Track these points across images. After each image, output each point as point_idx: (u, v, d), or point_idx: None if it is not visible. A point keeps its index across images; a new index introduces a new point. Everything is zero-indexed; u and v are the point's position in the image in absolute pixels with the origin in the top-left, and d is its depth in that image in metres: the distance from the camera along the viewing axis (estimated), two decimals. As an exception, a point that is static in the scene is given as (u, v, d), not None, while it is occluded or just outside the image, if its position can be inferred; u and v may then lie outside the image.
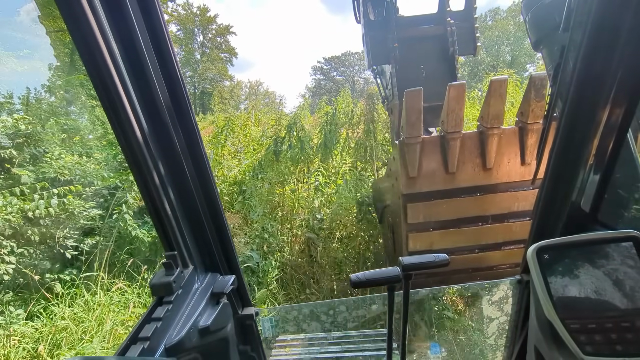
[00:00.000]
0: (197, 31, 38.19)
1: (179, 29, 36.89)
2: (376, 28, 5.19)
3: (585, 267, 1.13)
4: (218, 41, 39.04)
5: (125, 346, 0.87)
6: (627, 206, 1.39)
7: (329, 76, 47.08)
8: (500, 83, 3.36)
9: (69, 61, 8.93)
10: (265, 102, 46.59)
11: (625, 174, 1.35)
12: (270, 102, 46.96)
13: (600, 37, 1.04)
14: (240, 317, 1.42)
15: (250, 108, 18.41)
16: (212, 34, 38.62)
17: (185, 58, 37.55)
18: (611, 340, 1.01)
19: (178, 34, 36.88)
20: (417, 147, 3.56)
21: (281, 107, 44.74)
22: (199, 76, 37.10)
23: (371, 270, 1.28)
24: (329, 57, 46.46)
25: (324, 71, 47.00)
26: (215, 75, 38.17)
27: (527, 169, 3.65)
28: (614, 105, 1.10)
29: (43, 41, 8.81)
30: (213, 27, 38.42)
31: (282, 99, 49.33)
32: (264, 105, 45.78)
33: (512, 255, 3.79)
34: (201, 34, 38.38)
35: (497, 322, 2.26)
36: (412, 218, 3.74)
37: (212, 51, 38.37)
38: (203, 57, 38.00)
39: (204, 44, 38.66)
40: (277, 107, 45.15)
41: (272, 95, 47.64)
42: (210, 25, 38.13)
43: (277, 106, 45.72)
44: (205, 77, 37.37)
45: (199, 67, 37.30)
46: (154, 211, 1.03)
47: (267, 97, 47.14)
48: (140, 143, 0.93)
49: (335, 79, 46.49)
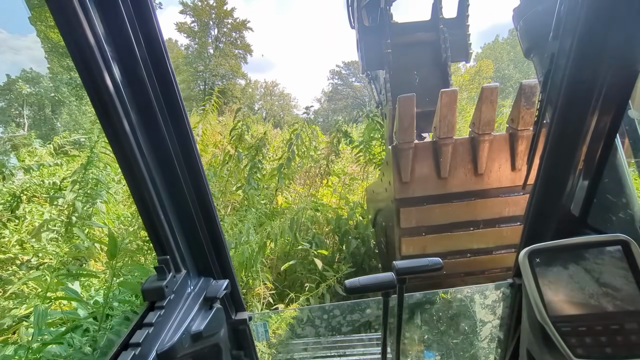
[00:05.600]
0: (212, 24, 36.88)
1: (194, 21, 35.89)
2: (370, 34, 5.24)
3: (576, 270, 1.15)
4: (233, 36, 37.69)
5: (116, 352, 0.85)
6: (616, 210, 1.42)
7: (347, 81, 45.72)
8: (492, 90, 3.41)
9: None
10: (280, 104, 46.26)
11: (614, 178, 1.38)
12: (285, 104, 46.73)
13: (588, 44, 1.07)
14: (233, 322, 1.41)
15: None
16: (228, 28, 37.24)
17: (197, 51, 36.53)
18: (601, 343, 1.03)
19: (192, 26, 35.97)
20: (410, 153, 3.59)
21: (295, 110, 44.69)
22: (209, 72, 35.92)
23: (366, 275, 1.28)
24: (349, 61, 44.84)
25: (342, 76, 45.73)
26: (227, 71, 37.03)
27: (518, 174, 3.70)
28: (602, 111, 1.13)
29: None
30: (229, 21, 36.92)
31: (296, 102, 48.84)
32: (278, 107, 45.54)
33: (503, 260, 3.83)
34: (216, 27, 37.00)
35: (489, 325, 2.28)
36: (405, 222, 3.75)
37: (226, 46, 37.14)
38: (215, 52, 36.72)
39: (218, 39, 37.29)
40: (290, 109, 45.12)
41: (287, 97, 47.38)
42: (226, 19, 36.71)
43: (291, 109, 45.65)
44: (217, 73, 36.17)
45: (210, 62, 36.08)
46: (147, 215, 1.02)
47: (281, 98, 46.89)
48: (132, 146, 0.92)
49: (353, 85, 45.08)
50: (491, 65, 33.59)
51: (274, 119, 41.23)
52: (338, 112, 43.04)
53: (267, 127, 16.45)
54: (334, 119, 42.18)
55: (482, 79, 30.92)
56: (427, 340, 2.64)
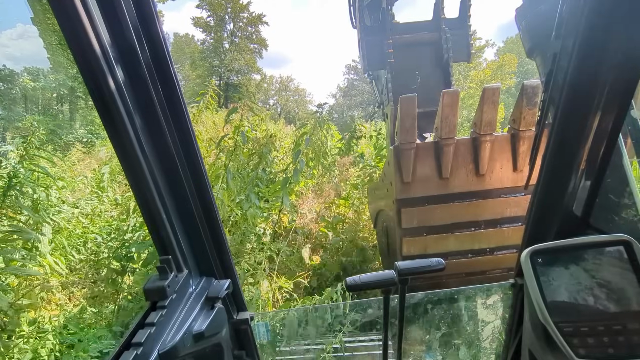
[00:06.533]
0: (228, 18, 36.45)
1: (210, 15, 35.61)
2: (372, 33, 5.24)
3: (578, 270, 1.15)
4: (249, 31, 37.23)
5: (118, 352, 0.86)
6: (618, 211, 1.41)
7: (363, 77, 43.80)
8: (494, 91, 3.41)
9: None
10: (295, 99, 46.29)
11: (617, 178, 1.38)
12: (300, 99, 46.75)
13: (591, 44, 1.06)
14: (235, 322, 1.41)
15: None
16: (243, 22, 36.76)
17: (213, 46, 36.27)
18: (603, 343, 1.03)
19: (208, 20, 35.74)
20: (411, 153, 3.59)
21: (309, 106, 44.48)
22: (225, 66, 35.60)
23: (367, 273, 1.28)
24: (366, 56, 44.81)
25: (358, 71, 44.38)
26: (242, 66, 36.66)
27: (519, 175, 3.70)
28: (605, 110, 1.12)
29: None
30: (244, 15, 36.30)
31: (311, 97, 48.75)
32: (293, 102, 45.44)
33: (504, 260, 3.83)
34: (232, 21, 36.57)
35: (491, 325, 2.28)
36: (407, 223, 3.75)
37: (241, 41, 36.75)
38: (231, 47, 36.37)
39: (234, 33, 36.86)
40: (305, 105, 44.96)
41: (302, 92, 47.33)
42: (241, 13, 36.22)
43: (306, 104, 45.48)
44: (232, 68, 35.82)
45: (225, 57, 35.79)
46: (149, 215, 1.02)
47: (296, 94, 46.87)
48: (134, 146, 0.92)
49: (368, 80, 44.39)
50: (515, 59, 32.42)
51: (289, 114, 40.95)
52: (354, 107, 42.99)
53: (279, 125, 15.76)
54: (349, 114, 40.86)
55: (505, 74, 29.95)
56: (428, 341, 2.64)
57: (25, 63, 20.65)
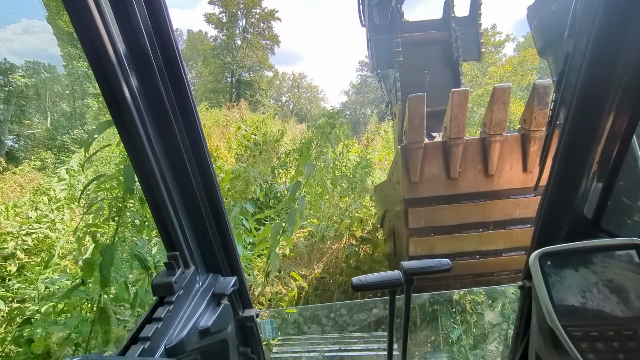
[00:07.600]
0: (240, 14, 36.14)
1: (222, 12, 35.50)
2: (381, 32, 5.21)
3: (588, 274, 1.13)
4: (261, 27, 36.72)
5: (126, 346, 0.87)
6: (631, 214, 1.38)
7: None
8: (504, 91, 3.36)
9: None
10: (307, 97, 46.37)
11: (629, 181, 1.35)
12: (312, 96, 46.83)
13: (605, 43, 1.04)
14: (240, 319, 1.42)
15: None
16: (256, 18, 36.20)
17: (225, 43, 36.18)
18: (613, 349, 1.01)
19: (221, 16, 35.66)
20: (420, 153, 3.56)
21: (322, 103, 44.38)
22: (236, 63, 35.43)
23: (373, 273, 1.28)
24: (379, 52, 44.28)
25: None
26: (254, 63, 36.42)
27: (529, 176, 3.64)
28: (618, 111, 1.10)
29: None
30: (257, 11, 35.86)
31: (324, 94, 48.85)
32: (305, 99, 45.46)
33: (512, 262, 3.78)
34: (244, 17, 36.24)
35: (498, 327, 2.25)
36: (414, 223, 3.73)
37: (253, 37, 36.40)
38: (243, 43, 36.14)
39: (246, 29, 36.54)
40: (318, 102, 44.92)
41: (314, 89, 47.36)
42: (254, 8, 35.66)
43: (318, 102, 45.44)
44: (244, 65, 35.61)
45: (237, 53, 35.59)
46: (157, 211, 1.03)
47: (309, 91, 46.91)
48: (144, 143, 0.93)
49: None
50: (536, 55, 31.07)
51: (301, 111, 40.69)
52: (366, 105, 42.66)
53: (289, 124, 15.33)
54: (362, 112, 40.16)
55: (526, 70, 29.04)
56: (435, 341, 2.63)
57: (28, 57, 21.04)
